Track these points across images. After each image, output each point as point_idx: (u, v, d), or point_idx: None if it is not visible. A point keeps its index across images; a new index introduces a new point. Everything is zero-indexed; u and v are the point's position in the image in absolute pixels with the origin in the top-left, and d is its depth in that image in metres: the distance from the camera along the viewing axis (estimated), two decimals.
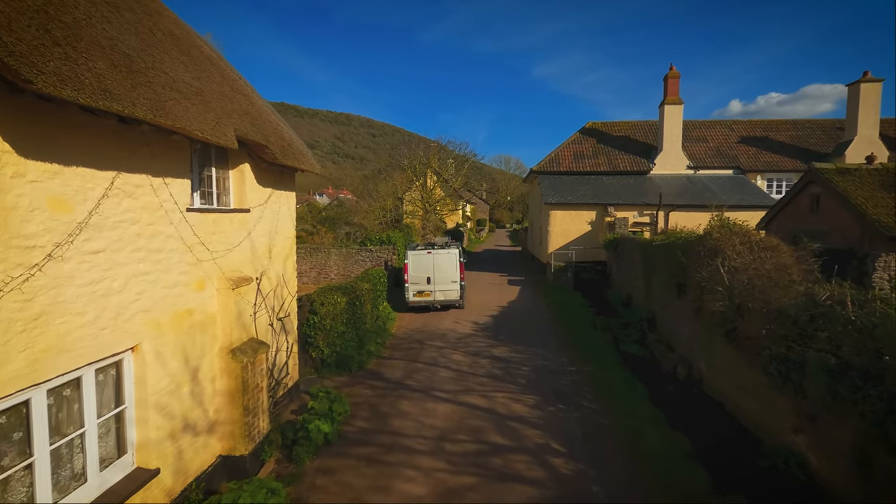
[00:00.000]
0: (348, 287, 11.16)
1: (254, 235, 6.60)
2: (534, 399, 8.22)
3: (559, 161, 26.36)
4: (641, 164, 25.71)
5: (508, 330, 13.23)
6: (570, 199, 23.16)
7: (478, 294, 18.81)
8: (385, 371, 9.97)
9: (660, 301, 12.47)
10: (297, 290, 8.15)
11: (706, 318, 9.07)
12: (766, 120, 27.97)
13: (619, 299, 17.03)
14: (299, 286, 21.76)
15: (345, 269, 20.45)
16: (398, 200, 30.36)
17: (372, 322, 12.81)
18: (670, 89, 25.33)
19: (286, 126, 7.77)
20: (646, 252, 13.99)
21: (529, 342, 11.96)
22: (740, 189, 23.46)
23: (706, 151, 26.27)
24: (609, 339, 12.96)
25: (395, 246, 20.28)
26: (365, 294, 12.09)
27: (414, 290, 15.48)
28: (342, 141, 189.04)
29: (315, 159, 8.36)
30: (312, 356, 9.75)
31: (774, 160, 25.32)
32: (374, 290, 13.12)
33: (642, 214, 22.66)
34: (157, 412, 4.62)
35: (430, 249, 15.57)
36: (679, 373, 10.17)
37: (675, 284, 10.92)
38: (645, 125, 28.44)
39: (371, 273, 13.24)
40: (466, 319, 14.57)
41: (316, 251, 20.65)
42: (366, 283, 12.30)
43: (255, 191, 6.67)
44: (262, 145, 6.12)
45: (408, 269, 15.46)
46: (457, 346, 11.63)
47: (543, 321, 14.38)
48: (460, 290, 15.48)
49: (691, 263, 9.62)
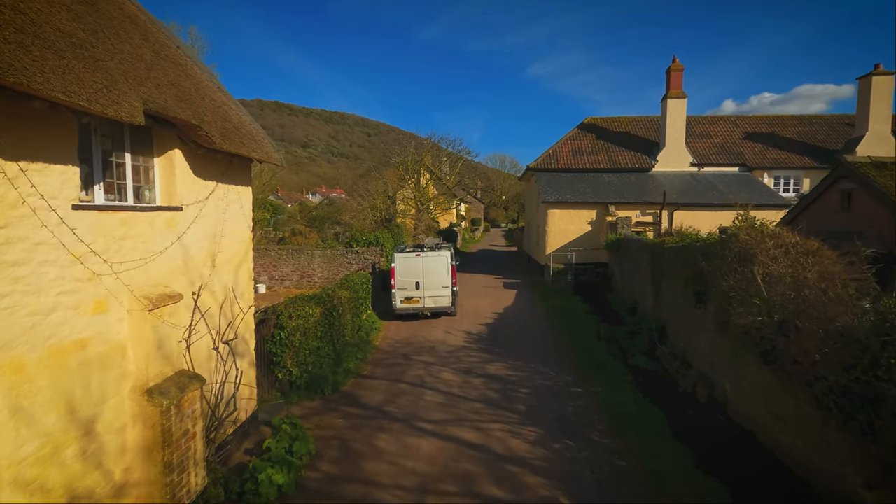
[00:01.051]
0: (323, 296, 9.84)
1: (188, 239, 5.27)
2: (536, 432, 6.95)
3: (557, 157, 25.13)
4: (643, 161, 24.53)
5: (505, 341, 11.96)
6: (568, 197, 21.93)
7: (471, 299, 17.53)
8: (363, 394, 8.65)
9: (672, 309, 11.24)
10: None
11: (733, 333, 7.85)
12: (771, 115, 26.89)
13: (624, 305, 15.81)
14: (281, 290, 20.60)
15: (329, 272, 19.11)
16: (389, 199, 29.01)
17: (353, 333, 11.49)
18: (673, 82, 24.14)
19: (238, 107, 6.44)
20: (655, 255, 12.77)
21: (528, 356, 10.70)
22: (747, 187, 22.33)
23: (710, 148, 25.14)
24: (615, 351, 11.74)
25: (382, 247, 18.97)
26: (344, 303, 10.78)
27: (401, 297, 14.18)
28: (337, 140, 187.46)
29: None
30: (279, 378, 8.42)
31: (781, 157, 24.22)
32: (356, 297, 11.80)
33: (645, 214, 21.47)
34: (16, 490, 3.29)
35: (420, 252, 14.27)
36: (699, 393, 8.94)
37: (692, 292, 9.69)
38: (646, 120, 27.27)
39: (352, 279, 11.92)
40: (458, 329, 13.28)
41: (298, 253, 19.29)
42: (345, 291, 10.98)
43: (190, 183, 5.34)
44: (192, 125, 4.80)
45: (395, 273, 14.15)
46: (447, 361, 10.34)
47: (543, 330, 13.13)
48: (452, 297, 14.20)
49: (714, 270, 8.38)
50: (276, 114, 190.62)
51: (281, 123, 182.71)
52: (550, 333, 12.89)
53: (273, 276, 19.47)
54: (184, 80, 5.14)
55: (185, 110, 4.72)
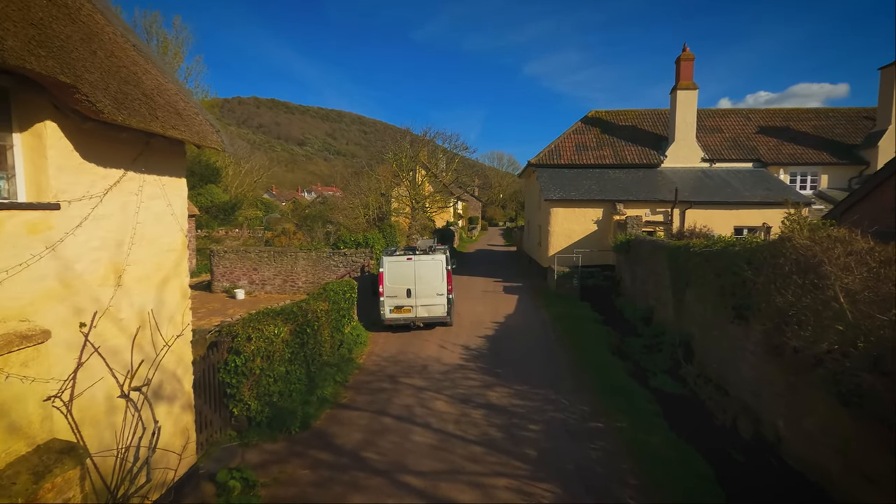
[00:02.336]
0: (294, 310, 8.30)
1: (71, 250, 3.74)
2: (552, 491, 5.45)
3: (560, 153, 23.65)
4: (651, 157, 23.08)
5: (508, 358, 10.47)
6: (573, 194, 20.46)
7: (469, 305, 16.04)
8: (339, 432, 7.14)
9: (700, 323, 9.78)
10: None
11: (791, 360, 6.39)
12: (785, 108, 25.49)
13: (636, 313, 14.35)
14: (262, 295, 18.94)
15: (315, 276, 17.57)
16: (382, 196, 27.45)
17: (332, 351, 9.97)
18: (683, 72, 22.70)
19: (168, 78, 4.89)
20: (675, 258, 11.30)
21: (536, 378, 9.21)
22: (763, 184, 20.90)
23: (722, 142, 23.71)
24: (633, 369, 10.28)
25: (372, 248, 17.44)
26: (321, 317, 9.25)
27: (391, 305, 12.66)
28: (333, 138, 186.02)
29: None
30: (235, 413, 6.89)
31: (798, 152, 22.82)
32: (336, 309, 10.28)
33: (655, 212, 20.02)
34: None
35: (411, 255, 12.75)
36: (741, 428, 7.47)
37: (729, 306, 8.22)
38: (653, 114, 25.82)
39: (332, 287, 10.38)
40: (455, 342, 11.78)
41: (281, 255, 17.73)
42: (322, 303, 9.45)
43: (74, 171, 3.80)
44: (62, 84, 3.26)
45: (383, 279, 12.63)
46: (441, 385, 8.84)
47: (550, 344, 11.65)
48: (447, 305, 12.69)
49: (765, 281, 6.91)
50: (273, 111, 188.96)
51: (277, 121, 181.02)
52: (558, 347, 11.41)
53: (253, 280, 17.91)
54: (62, 23, 3.60)
55: (48, 61, 3.19)
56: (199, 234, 32.98)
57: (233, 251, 18.00)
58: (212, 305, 16.06)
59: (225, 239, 32.97)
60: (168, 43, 36.50)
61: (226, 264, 17.92)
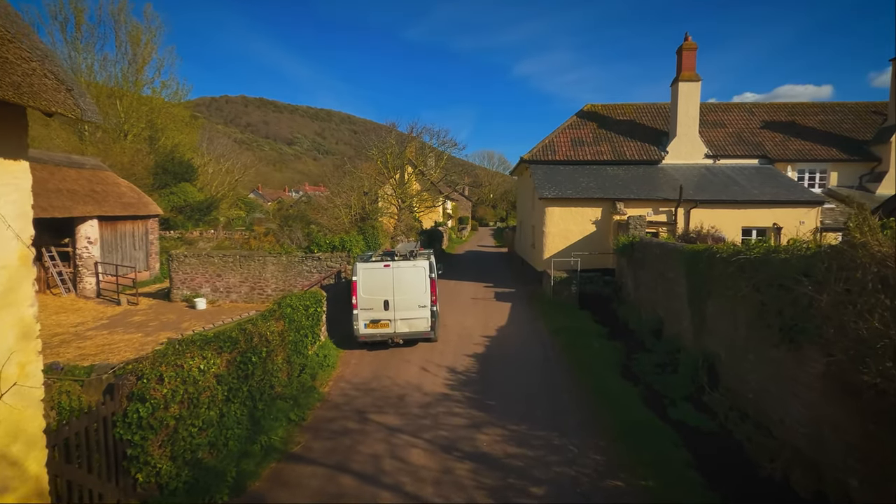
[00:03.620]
0: (234, 336, 6.57)
1: None
2: None
3: (555, 148, 22.13)
4: (651, 153, 21.66)
5: (501, 384, 8.85)
6: (569, 192, 18.94)
7: (457, 315, 14.40)
8: (283, 496, 5.45)
9: (729, 343, 8.24)
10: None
11: (872, 403, 4.86)
12: (790, 103, 24.25)
13: (644, 324, 12.82)
14: (226, 304, 16.94)
15: (285, 283, 15.80)
16: (365, 196, 25.71)
17: (289, 380, 8.25)
18: (685, 63, 21.28)
19: None
20: (694, 265, 9.77)
21: (535, 412, 7.61)
22: (771, 181, 19.57)
23: (725, 138, 22.37)
24: (648, 396, 8.74)
25: (350, 252, 15.72)
26: (274, 340, 7.54)
27: (366, 319, 10.97)
28: (322, 137, 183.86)
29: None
30: (140, 481, 5.16)
31: (806, 148, 21.55)
32: (296, 328, 8.56)
33: (658, 212, 18.58)
34: None
35: (389, 261, 11.08)
36: (796, 482, 5.91)
37: (774, 327, 6.67)
38: (652, 108, 24.42)
39: (290, 302, 8.65)
40: (439, 363, 10.13)
41: (247, 259, 15.92)
42: (275, 323, 7.72)
43: None
44: None
45: (357, 288, 10.94)
46: (419, 425, 7.18)
47: (549, 365, 10.06)
48: (431, 319, 11.04)
49: (833, 300, 5.36)
50: (261, 110, 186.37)
51: (266, 120, 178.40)
52: (559, 368, 9.82)
53: (217, 287, 16.08)
54: None
55: None
56: (171, 234, 30.96)
57: (194, 255, 16.16)
58: (166, 317, 14.21)
59: (199, 240, 30.96)
60: (138, 33, 34.39)
61: (186, 270, 16.07)
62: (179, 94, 37.38)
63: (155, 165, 32.74)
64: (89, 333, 12.39)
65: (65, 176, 16.93)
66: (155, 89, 35.76)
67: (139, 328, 12.90)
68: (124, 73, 34.00)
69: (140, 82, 34.63)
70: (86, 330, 12.74)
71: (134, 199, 19.36)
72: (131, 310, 15.17)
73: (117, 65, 33.81)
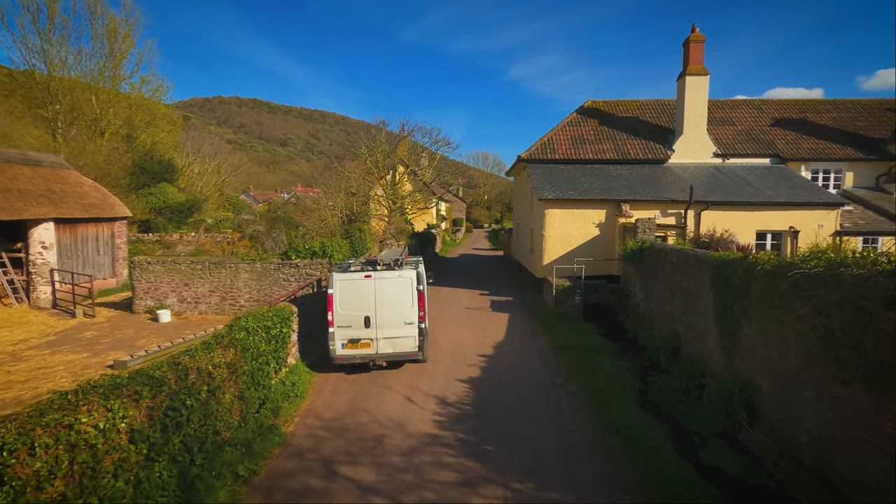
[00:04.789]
0: (162, 374, 5.09)
1: None
2: None
3: (554, 146, 20.78)
4: (657, 151, 20.36)
5: (500, 421, 7.42)
6: (571, 193, 17.58)
7: (449, 328, 12.97)
8: None
9: (773, 373, 6.87)
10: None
11: None
12: (800, 100, 23.06)
13: (658, 341, 11.45)
14: (194, 317, 14.14)
15: (260, 292, 14.29)
16: (352, 196, 24.22)
17: (246, 419, 6.77)
18: (692, 56, 20.04)
19: None
20: (725, 277, 8.39)
21: (542, 461, 6.19)
22: (786, 182, 18.33)
23: (734, 136, 21.13)
24: (674, 433, 7.37)
25: (331, 258, 14.25)
26: (220, 375, 6.06)
27: (343, 338, 9.50)
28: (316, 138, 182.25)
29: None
30: None
31: (819, 146, 20.35)
32: (254, 354, 7.08)
33: (666, 214, 17.26)
34: None
35: (371, 271, 9.64)
36: None
37: (848, 361, 5.31)
38: (657, 104, 23.16)
39: (246, 324, 7.16)
40: (427, 391, 8.69)
41: (218, 266, 14.38)
42: (221, 353, 6.25)
43: None
44: None
45: (333, 303, 9.48)
46: (400, 483, 5.73)
47: (557, 395, 8.63)
48: (419, 337, 9.60)
49: None
50: (255, 111, 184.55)
51: (259, 121, 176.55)
52: (568, 399, 8.41)
53: (184, 297, 14.53)
54: None
55: None
56: (149, 237, 29.29)
57: (158, 262, 14.60)
58: (123, 332, 12.65)
59: (178, 244, 29.30)
60: (116, 25, 32.66)
61: (149, 278, 14.51)
62: (160, 90, 35.71)
63: (132, 164, 31.05)
64: (28, 353, 10.82)
65: (16, 174, 15.32)
66: (134, 85, 34.10)
67: (88, 346, 11.34)
68: (100, 68, 32.30)
69: (118, 77, 32.93)
70: (26, 349, 11.16)
71: (98, 199, 17.75)
72: (86, 323, 13.58)
73: (93, 59, 32.11)
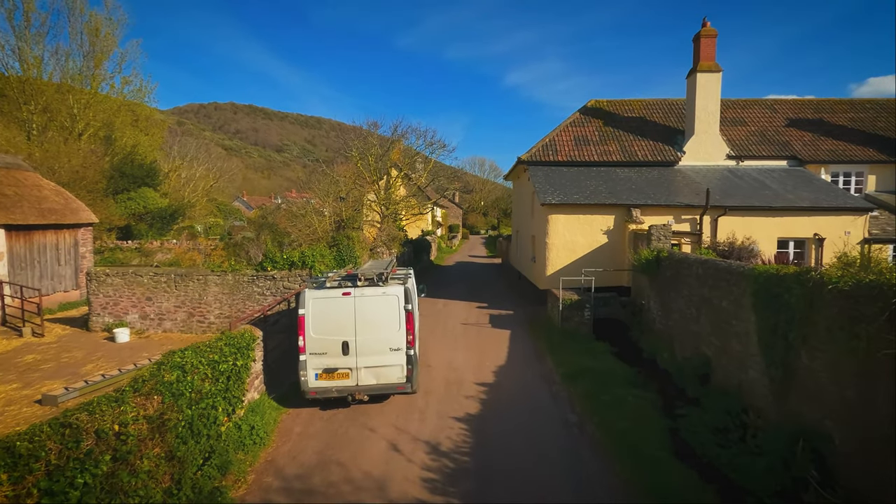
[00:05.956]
0: (36, 446, 3.58)
1: None
2: None
3: (556, 148, 19.41)
4: (666, 153, 19.03)
5: (507, 483, 5.89)
6: (576, 198, 16.18)
7: (443, 348, 11.47)
8: None
9: (849, 421, 5.43)
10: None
11: None
12: (815, 99, 21.86)
13: (682, 365, 10.00)
14: (157, 335, 12.04)
15: (232, 308, 12.74)
16: (341, 200, 22.75)
17: (181, 483, 5.23)
18: (703, 52, 18.77)
19: None
20: (777, 296, 6.96)
21: None
22: (807, 185, 17.01)
23: (748, 137, 19.85)
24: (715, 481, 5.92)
25: (312, 269, 12.73)
26: (136, 434, 4.54)
27: (317, 368, 7.99)
28: (312, 144, 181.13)
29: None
30: None
31: (839, 148, 19.08)
32: (193, 400, 5.56)
33: (680, 220, 15.87)
34: None
35: (350, 287, 8.15)
36: None
37: None
38: (664, 104, 21.88)
39: (182, 361, 5.61)
40: (417, 435, 7.16)
41: (185, 279, 12.83)
42: (142, 402, 4.72)
43: None
44: None
45: (305, 325, 7.98)
46: None
47: (573, 440, 7.12)
48: (407, 366, 8.09)
49: None
50: (251, 117, 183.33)
51: (255, 127, 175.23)
52: (587, 446, 6.91)
53: (147, 313, 12.96)
54: None
55: None
56: (128, 245, 27.66)
57: (119, 273, 13.03)
58: (71, 355, 11.05)
59: (158, 252, 27.69)
60: (97, 23, 31.20)
61: (108, 292, 12.94)
62: (143, 91, 34.20)
63: (111, 168, 29.46)
64: None
65: None
66: (114, 85, 32.57)
67: (22, 374, 9.75)
68: (80, 67, 30.78)
69: (98, 77, 31.41)
70: None
71: (59, 204, 16.19)
72: (32, 344, 11.98)
73: (72, 57, 30.60)
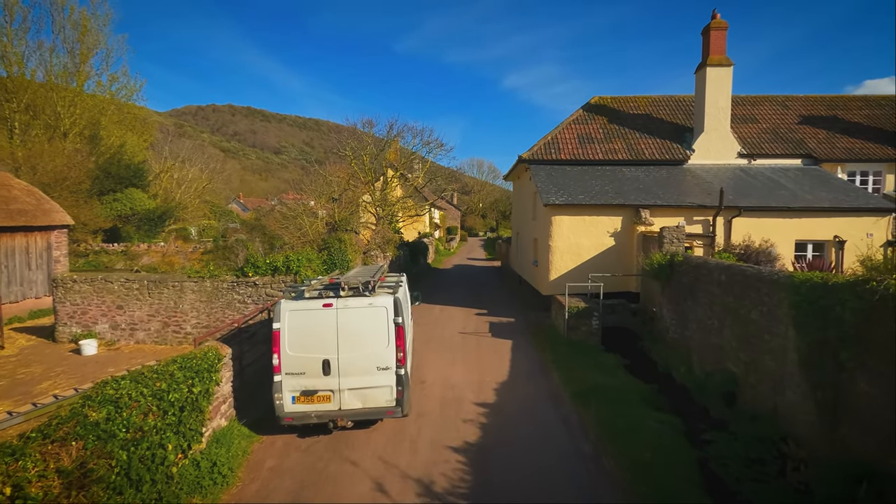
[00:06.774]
0: None
1: None
2: None
3: (559, 146, 18.48)
4: (675, 151, 18.11)
5: None
6: (581, 198, 15.22)
7: (440, 362, 10.48)
8: None
9: None
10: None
11: None
12: (828, 96, 20.99)
13: (706, 382, 9.02)
14: (128, 347, 10.37)
15: (210, 316, 11.73)
16: (333, 201, 21.78)
17: None
18: (713, 45, 17.86)
19: None
20: (822, 308, 6.00)
21: None
22: (824, 185, 16.09)
23: (759, 134, 18.95)
24: None
25: (297, 275, 11.74)
26: (35, 499, 3.55)
27: (294, 390, 6.99)
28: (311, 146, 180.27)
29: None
30: None
31: (856, 146, 18.19)
32: (130, 441, 4.57)
33: (691, 221, 14.92)
34: None
35: (332, 298, 7.15)
36: None
37: None
38: (671, 101, 20.98)
39: (115, 393, 4.62)
40: (406, 471, 6.17)
41: (159, 285, 11.81)
42: (55, 451, 3.73)
43: None
44: None
45: (280, 342, 6.98)
46: None
47: (588, 475, 6.13)
48: (397, 387, 7.10)
49: None
50: (249, 119, 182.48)
51: (253, 129, 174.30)
52: (606, 484, 5.93)
53: (118, 322, 11.94)
54: None
55: None
56: (114, 248, 26.62)
57: (87, 280, 12.01)
58: (29, 370, 10.03)
59: (144, 255, 26.66)
60: (83, 18, 30.19)
61: (75, 299, 11.93)
62: (131, 89, 33.18)
63: (96, 168, 28.41)
64: None
65: None
66: (101, 83, 31.54)
67: None
68: (64, 64, 29.76)
69: (83, 74, 30.37)
70: None
71: (30, 204, 15.18)
72: None
73: (56, 53, 29.56)
